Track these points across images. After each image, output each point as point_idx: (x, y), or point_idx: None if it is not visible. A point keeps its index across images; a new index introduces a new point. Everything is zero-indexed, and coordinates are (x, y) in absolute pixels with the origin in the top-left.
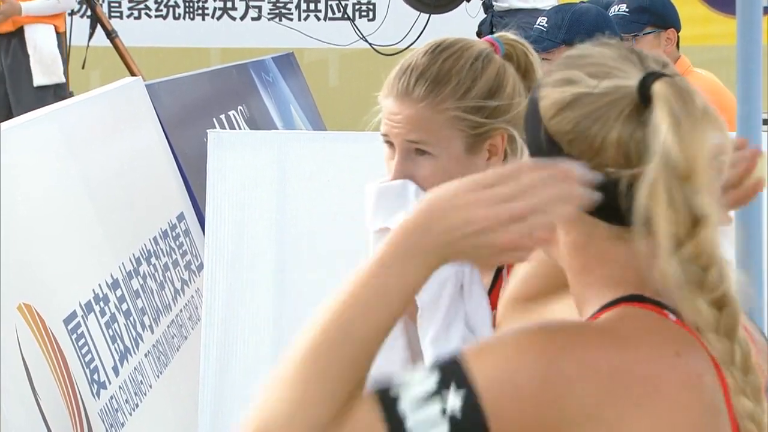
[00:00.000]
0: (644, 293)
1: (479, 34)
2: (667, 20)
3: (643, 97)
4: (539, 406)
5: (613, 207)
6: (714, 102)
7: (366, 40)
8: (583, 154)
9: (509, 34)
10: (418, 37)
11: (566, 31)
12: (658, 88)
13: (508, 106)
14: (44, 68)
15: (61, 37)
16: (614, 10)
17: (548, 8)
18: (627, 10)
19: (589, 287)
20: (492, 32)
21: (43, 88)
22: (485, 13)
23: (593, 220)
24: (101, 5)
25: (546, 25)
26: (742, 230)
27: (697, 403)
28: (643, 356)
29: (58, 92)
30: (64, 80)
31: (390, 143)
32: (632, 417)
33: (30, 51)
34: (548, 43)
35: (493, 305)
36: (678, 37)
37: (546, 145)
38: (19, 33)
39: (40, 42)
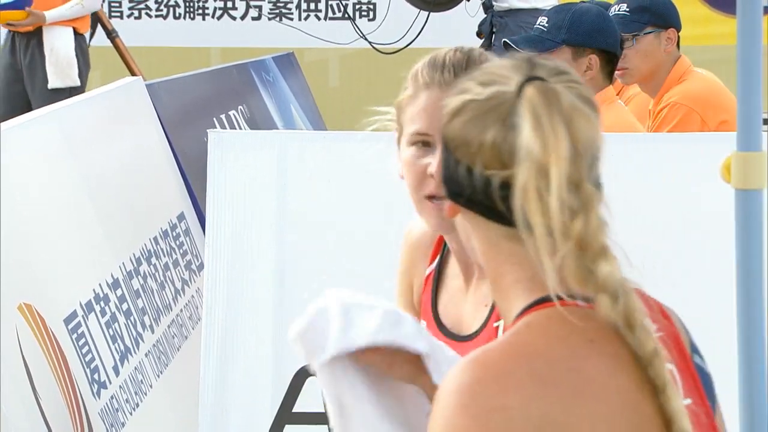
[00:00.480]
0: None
1: (479, 34)
2: (667, 20)
3: (517, 101)
4: None
5: (497, 209)
6: (714, 101)
7: (366, 39)
8: (465, 157)
9: None
10: (418, 35)
11: (567, 31)
12: (527, 91)
13: None
14: (59, 71)
15: (83, 38)
16: (615, 9)
17: (548, 8)
18: (627, 9)
19: (505, 294)
20: (492, 32)
21: (57, 91)
22: (485, 13)
23: (487, 223)
24: (101, 5)
25: (546, 25)
26: (742, 232)
27: (617, 382)
28: (561, 354)
29: (73, 95)
30: (78, 83)
31: (425, 143)
32: (575, 408)
33: (46, 53)
34: (549, 43)
35: (497, 317)
36: (678, 36)
37: (443, 150)
38: (38, 33)
39: (57, 44)
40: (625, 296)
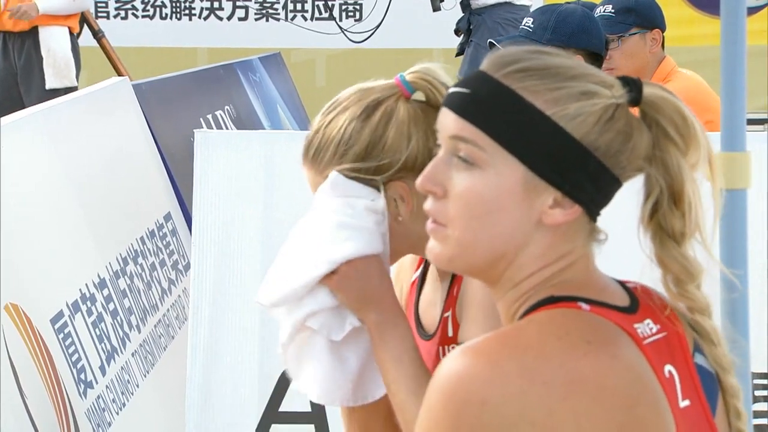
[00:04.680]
0: (557, 293)
1: (457, 32)
2: (652, 21)
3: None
4: None
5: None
6: (698, 102)
7: (340, 27)
8: (606, 159)
9: (421, 68)
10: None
11: (552, 31)
12: (652, 92)
13: (393, 161)
14: (57, 71)
15: (75, 38)
16: (600, 10)
17: (522, 3)
18: (612, 10)
19: (521, 292)
20: (469, 30)
21: (54, 91)
22: (462, 12)
23: (586, 224)
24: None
25: (532, 25)
26: (727, 231)
27: (614, 381)
28: (554, 349)
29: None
30: (76, 84)
31: None
32: (561, 408)
33: (43, 53)
34: (534, 43)
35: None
36: (663, 37)
37: (575, 156)
38: (34, 33)
39: (55, 45)
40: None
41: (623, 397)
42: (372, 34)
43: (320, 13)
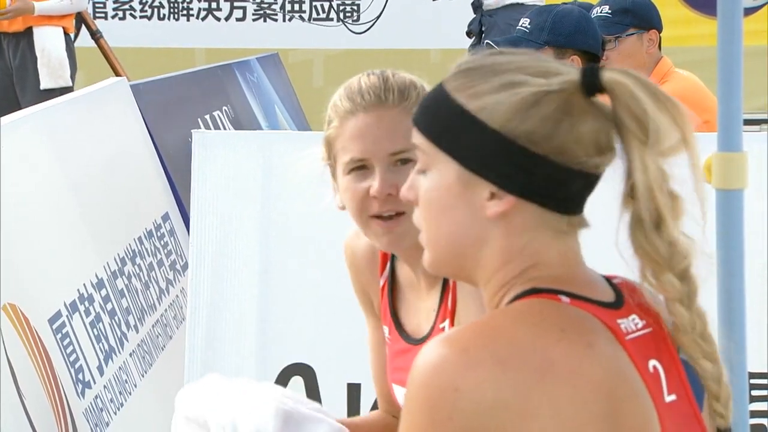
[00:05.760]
0: (538, 285)
1: (469, 34)
2: (649, 21)
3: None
4: None
5: (566, 199)
6: (695, 102)
7: (341, 19)
8: (543, 150)
9: None
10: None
11: (549, 32)
12: (613, 76)
13: None
14: (51, 71)
15: (70, 38)
16: (597, 11)
17: (533, 3)
18: (609, 11)
19: (499, 287)
20: (481, 31)
21: (49, 91)
22: (474, 13)
23: (543, 214)
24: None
25: (529, 26)
26: (723, 232)
27: (588, 368)
28: (527, 336)
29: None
30: (70, 84)
31: (361, 167)
32: (535, 392)
33: (38, 53)
34: (531, 44)
35: (443, 318)
36: (660, 38)
37: (497, 147)
38: (28, 34)
39: (49, 45)
40: (695, 295)
41: (598, 385)
42: (372, 25)
43: (318, 14)
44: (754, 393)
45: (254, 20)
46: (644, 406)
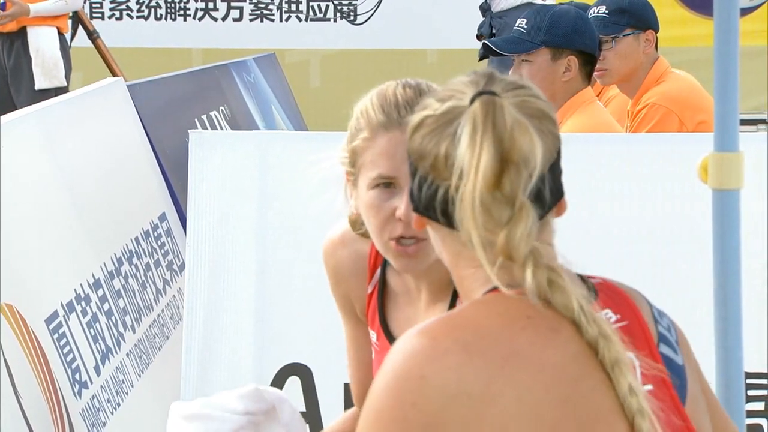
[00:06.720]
0: (509, 281)
1: (479, 37)
2: (646, 22)
3: (463, 115)
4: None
5: (450, 218)
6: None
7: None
8: (423, 170)
9: None
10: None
11: (546, 32)
12: (473, 105)
13: None
14: (46, 71)
15: (64, 38)
16: (593, 11)
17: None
18: (606, 11)
19: (468, 296)
20: (492, 34)
21: (44, 91)
22: (483, 16)
23: (449, 232)
24: (83, 6)
25: (526, 26)
26: (720, 231)
27: (553, 354)
28: (492, 325)
29: (59, 95)
30: (65, 84)
31: (388, 184)
32: (499, 378)
33: (32, 54)
34: (528, 44)
35: None
36: (656, 38)
37: (410, 164)
38: (23, 34)
39: (43, 45)
40: (560, 293)
41: (561, 369)
42: (373, 13)
43: (315, 14)
44: (751, 393)
45: (251, 20)
46: (609, 394)
